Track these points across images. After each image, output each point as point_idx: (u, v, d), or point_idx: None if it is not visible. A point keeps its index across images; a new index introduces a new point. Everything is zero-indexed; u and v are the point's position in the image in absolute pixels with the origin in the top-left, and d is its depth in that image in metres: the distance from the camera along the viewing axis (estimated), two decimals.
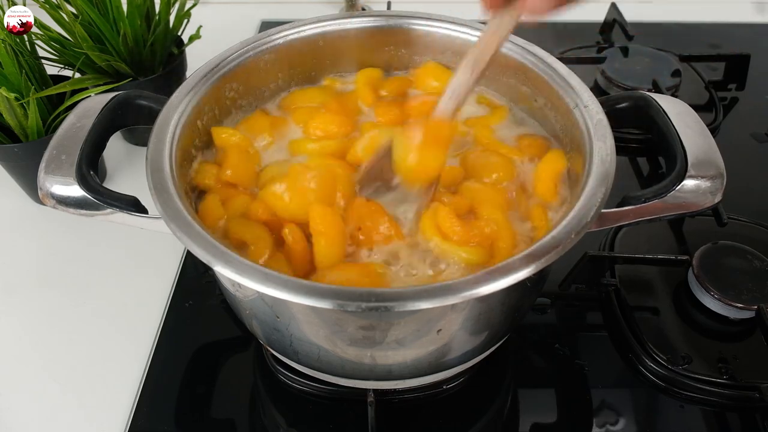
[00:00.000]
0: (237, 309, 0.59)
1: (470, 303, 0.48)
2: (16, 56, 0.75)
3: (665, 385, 0.65)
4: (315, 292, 0.43)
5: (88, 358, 0.68)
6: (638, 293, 0.72)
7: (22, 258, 0.79)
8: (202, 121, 0.63)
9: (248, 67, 0.67)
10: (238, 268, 0.45)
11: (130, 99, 0.60)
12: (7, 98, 0.72)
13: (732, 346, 0.67)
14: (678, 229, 0.80)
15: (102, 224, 0.54)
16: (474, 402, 0.64)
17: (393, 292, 0.44)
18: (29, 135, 0.77)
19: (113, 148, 0.93)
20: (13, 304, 0.74)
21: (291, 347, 0.55)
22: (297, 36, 0.70)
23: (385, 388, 0.62)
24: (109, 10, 0.82)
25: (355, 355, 0.54)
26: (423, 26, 0.71)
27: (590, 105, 0.58)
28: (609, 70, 1.03)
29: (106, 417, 0.63)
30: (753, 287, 0.68)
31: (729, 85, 1.06)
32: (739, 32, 1.19)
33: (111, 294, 0.75)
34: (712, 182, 0.51)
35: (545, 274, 0.57)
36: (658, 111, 0.57)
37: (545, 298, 0.72)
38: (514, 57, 0.67)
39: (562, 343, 0.69)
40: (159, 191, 0.50)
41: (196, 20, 0.90)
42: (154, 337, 0.69)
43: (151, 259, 0.78)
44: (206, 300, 0.73)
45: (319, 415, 0.63)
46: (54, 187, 0.51)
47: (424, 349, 0.53)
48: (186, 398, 0.64)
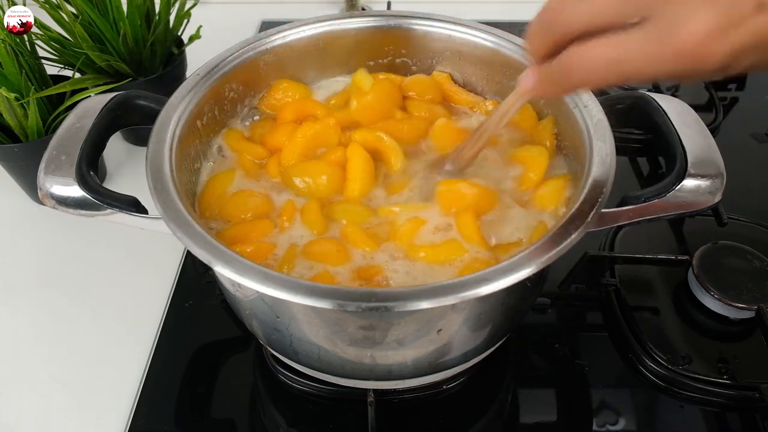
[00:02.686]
0: (237, 309, 0.59)
1: (470, 303, 0.48)
2: (16, 56, 0.75)
3: (665, 385, 0.65)
4: (315, 292, 0.43)
5: (88, 358, 0.68)
6: (638, 293, 0.72)
7: (22, 258, 0.79)
8: (202, 122, 0.63)
9: (248, 67, 0.67)
10: (238, 268, 0.45)
11: (129, 99, 0.60)
12: (7, 98, 0.72)
13: (732, 346, 0.67)
14: (678, 229, 0.80)
15: (102, 224, 0.54)
16: (474, 402, 0.64)
17: (393, 292, 0.44)
18: (29, 135, 0.77)
19: (113, 148, 0.93)
20: (13, 304, 0.74)
21: (291, 347, 0.55)
22: (297, 36, 0.70)
23: (385, 388, 0.62)
24: (109, 10, 0.82)
25: (355, 355, 0.54)
26: (423, 26, 0.71)
27: (590, 105, 0.58)
28: None
29: (106, 417, 0.63)
30: (753, 287, 0.68)
31: (729, 85, 1.06)
32: None
33: (111, 294, 0.75)
34: (711, 182, 0.51)
35: (545, 274, 0.57)
36: (657, 111, 0.57)
37: (545, 298, 0.72)
38: (515, 58, 0.67)
39: (562, 343, 0.69)
40: (159, 191, 0.50)
41: (196, 20, 0.90)
42: (154, 337, 0.69)
43: (151, 259, 0.78)
44: (206, 300, 0.73)
45: (319, 415, 0.63)
46: (54, 187, 0.51)
47: (424, 349, 0.53)
48: (186, 398, 0.64)
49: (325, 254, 0.56)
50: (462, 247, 0.56)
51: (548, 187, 0.60)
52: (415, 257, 0.56)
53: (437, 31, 0.71)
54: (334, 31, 0.71)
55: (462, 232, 0.57)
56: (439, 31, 0.71)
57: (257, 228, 0.58)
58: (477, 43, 0.70)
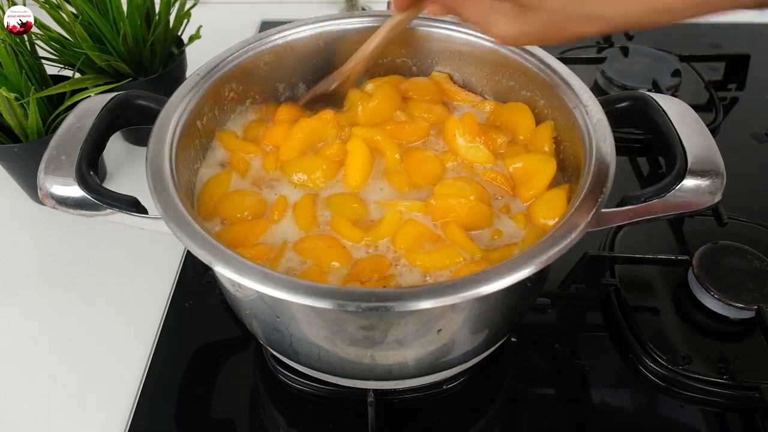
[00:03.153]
0: (237, 309, 0.59)
1: (470, 303, 0.48)
2: (16, 56, 0.75)
3: (665, 385, 0.65)
4: (315, 292, 0.43)
5: (88, 358, 0.68)
6: (638, 293, 0.72)
7: (22, 258, 0.79)
8: (202, 122, 0.63)
9: (248, 67, 0.67)
10: (238, 268, 0.45)
11: (129, 99, 0.60)
12: (7, 98, 0.72)
13: (732, 346, 0.67)
14: (678, 229, 0.80)
15: (102, 224, 0.54)
16: (474, 402, 0.64)
17: (393, 292, 0.44)
18: (29, 135, 0.77)
19: (113, 148, 0.93)
20: (13, 303, 0.74)
21: (291, 347, 0.55)
22: (297, 36, 0.70)
23: (385, 388, 0.62)
24: (109, 10, 0.82)
25: (355, 355, 0.54)
26: (423, 26, 0.71)
27: (590, 105, 0.58)
28: (609, 70, 1.03)
29: (106, 417, 0.63)
30: (753, 287, 0.68)
31: (729, 85, 1.06)
32: (739, 32, 1.19)
33: (111, 294, 0.75)
34: (711, 182, 0.51)
35: (545, 274, 0.57)
36: (657, 111, 0.57)
37: (545, 298, 0.72)
38: (514, 57, 0.67)
39: (562, 343, 0.69)
40: (159, 191, 0.50)
41: (196, 20, 0.90)
42: (154, 337, 0.69)
43: (151, 259, 0.78)
44: (206, 300, 0.73)
45: (319, 415, 0.63)
46: (54, 187, 0.51)
47: (424, 349, 0.53)
48: (186, 398, 0.64)
49: (316, 251, 0.56)
50: (457, 252, 0.56)
51: (547, 198, 0.59)
52: (412, 262, 0.56)
53: (437, 32, 0.71)
54: (334, 31, 0.71)
55: (453, 240, 0.57)
56: (438, 32, 0.71)
57: (255, 228, 0.59)
58: (476, 43, 0.70)
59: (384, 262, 0.55)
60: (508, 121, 0.69)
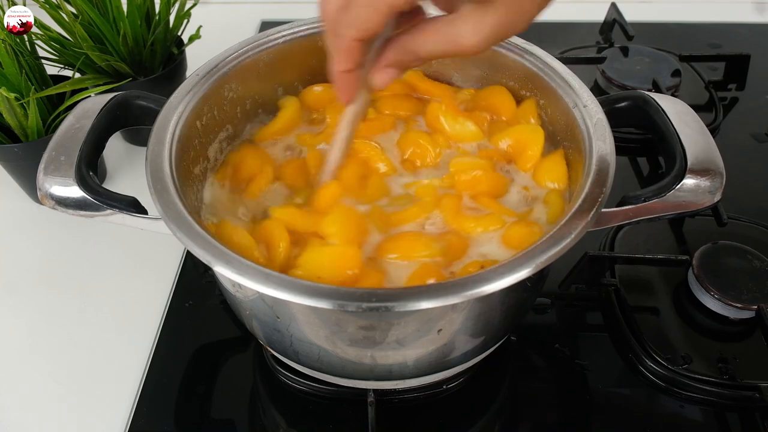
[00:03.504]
0: (237, 309, 0.59)
1: (470, 303, 0.48)
2: (16, 56, 0.75)
3: (665, 385, 0.65)
4: (315, 292, 0.43)
5: (88, 358, 0.68)
6: (638, 293, 0.72)
7: (22, 258, 0.79)
8: (202, 122, 0.63)
9: (248, 67, 0.67)
10: (238, 268, 0.45)
11: (129, 99, 0.60)
12: (7, 98, 0.72)
13: (732, 346, 0.67)
14: (678, 229, 0.80)
15: (102, 224, 0.54)
16: (474, 402, 0.64)
17: (393, 292, 0.44)
18: (29, 135, 0.77)
19: (113, 148, 0.93)
20: (13, 304, 0.74)
21: (291, 347, 0.55)
22: (297, 36, 0.70)
23: (385, 388, 0.62)
24: (109, 10, 0.82)
25: (356, 355, 0.54)
26: None
27: (590, 105, 0.58)
28: (609, 70, 1.03)
29: (106, 417, 0.63)
30: (753, 287, 0.68)
31: (729, 85, 1.06)
32: (739, 32, 1.19)
33: (111, 294, 0.75)
34: (711, 181, 0.51)
35: (545, 274, 0.57)
36: (657, 110, 0.57)
37: (545, 298, 0.72)
38: (514, 57, 0.67)
39: (562, 343, 0.69)
40: (159, 191, 0.50)
41: (196, 20, 0.90)
42: (154, 337, 0.69)
43: (151, 259, 0.78)
44: (206, 300, 0.73)
45: (319, 415, 0.63)
46: (53, 187, 0.51)
47: (424, 349, 0.53)
48: (186, 398, 0.64)
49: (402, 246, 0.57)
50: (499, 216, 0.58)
51: (547, 166, 0.62)
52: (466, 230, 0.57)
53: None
54: None
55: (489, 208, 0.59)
56: None
57: None
58: None
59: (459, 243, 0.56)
60: (488, 105, 0.69)
